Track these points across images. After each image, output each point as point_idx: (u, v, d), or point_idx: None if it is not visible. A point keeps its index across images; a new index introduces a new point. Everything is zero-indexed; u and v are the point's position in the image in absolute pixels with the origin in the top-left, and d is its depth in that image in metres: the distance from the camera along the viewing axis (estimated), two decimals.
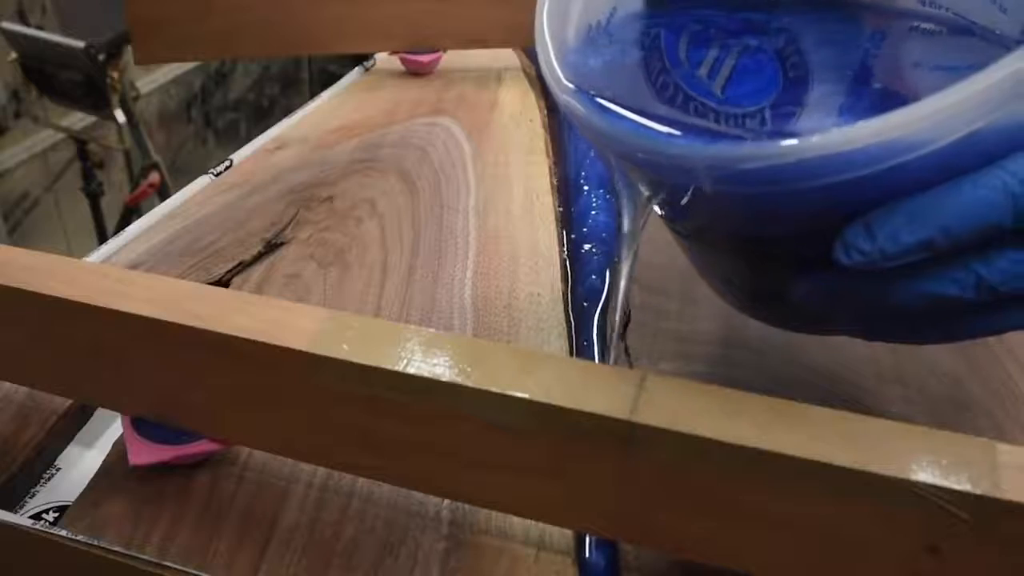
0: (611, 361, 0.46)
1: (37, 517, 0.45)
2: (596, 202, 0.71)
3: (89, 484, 0.47)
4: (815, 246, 0.36)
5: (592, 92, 0.39)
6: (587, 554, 0.43)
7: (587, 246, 0.66)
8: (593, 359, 0.55)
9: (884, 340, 0.43)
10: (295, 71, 3.53)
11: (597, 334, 0.56)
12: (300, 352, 0.38)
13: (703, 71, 0.43)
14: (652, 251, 0.64)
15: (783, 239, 0.40)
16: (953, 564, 0.33)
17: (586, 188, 0.73)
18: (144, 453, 0.45)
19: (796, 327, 0.47)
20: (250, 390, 0.41)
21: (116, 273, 0.44)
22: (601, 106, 0.38)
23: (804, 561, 0.36)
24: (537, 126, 0.84)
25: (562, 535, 0.43)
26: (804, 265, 0.39)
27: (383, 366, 0.37)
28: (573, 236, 0.67)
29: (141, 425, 0.46)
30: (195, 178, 0.75)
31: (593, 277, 0.62)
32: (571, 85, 0.38)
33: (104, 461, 0.48)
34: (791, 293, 0.40)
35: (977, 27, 0.43)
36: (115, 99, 2.03)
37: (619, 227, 0.44)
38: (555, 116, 0.86)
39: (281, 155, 0.79)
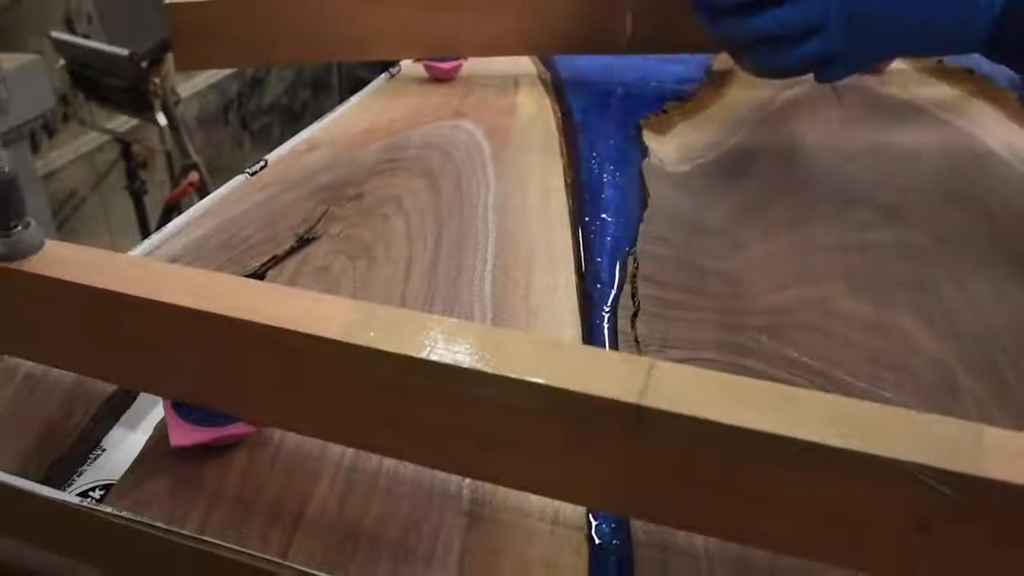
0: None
1: (84, 494, 0.45)
2: (607, 178, 0.75)
3: (133, 464, 0.47)
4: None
5: None
6: (598, 529, 0.43)
7: (603, 216, 0.69)
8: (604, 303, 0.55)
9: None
10: (326, 77, 3.53)
11: (609, 319, 0.57)
12: (331, 340, 0.38)
13: None
14: (661, 246, 0.64)
15: None
16: (943, 539, 0.33)
17: (596, 166, 0.76)
18: (184, 435, 0.45)
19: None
20: (283, 376, 0.42)
21: (158, 267, 0.44)
22: None
23: (804, 536, 0.36)
24: (552, 129, 0.84)
25: (575, 511, 0.43)
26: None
27: (408, 353, 0.37)
28: (587, 218, 0.67)
29: (181, 408, 0.46)
30: (232, 177, 0.75)
31: (608, 239, 0.66)
32: None
33: (147, 442, 0.48)
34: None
35: None
36: (157, 103, 2.04)
37: None
38: (568, 119, 0.86)
39: (312, 156, 0.80)
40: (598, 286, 0.61)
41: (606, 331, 0.56)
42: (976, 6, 0.63)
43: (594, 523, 0.43)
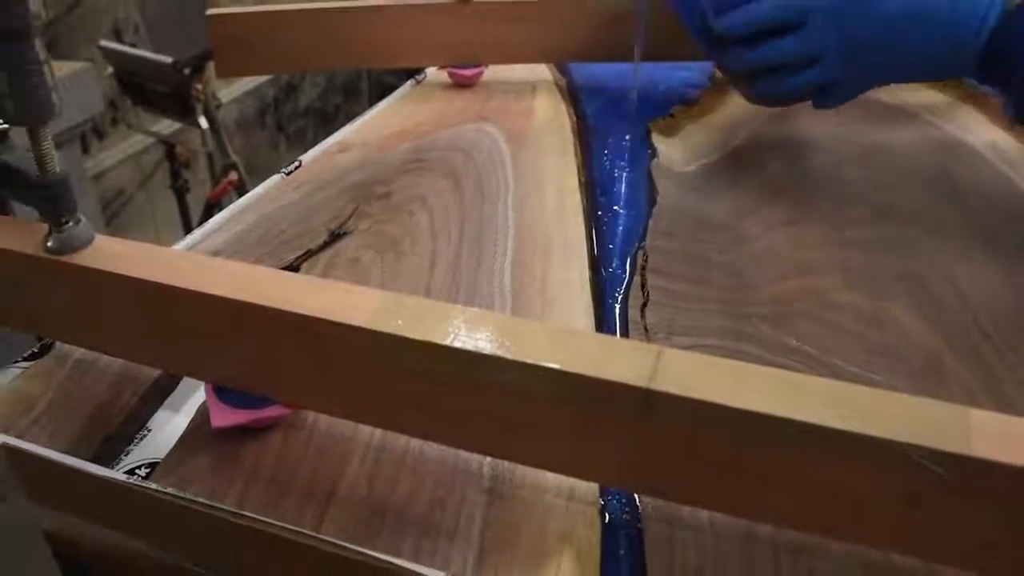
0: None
1: (131, 472, 0.45)
2: (618, 177, 0.75)
3: (176, 443, 0.47)
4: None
5: None
6: (610, 504, 0.43)
7: (615, 208, 0.70)
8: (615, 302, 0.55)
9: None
10: (356, 82, 3.53)
11: (620, 310, 0.56)
12: (360, 328, 0.38)
13: None
14: (669, 241, 0.64)
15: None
16: (933, 514, 0.33)
17: (609, 166, 0.76)
18: (224, 417, 0.46)
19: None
20: (316, 362, 0.42)
21: (200, 259, 0.45)
22: None
23: (805, 512, 0.36)
24: (567, 131, 0.84)
25: (589, 488, 0.43)
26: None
27: (433, 341, 0.37)
28: (600, 210, 0.67)
29: (222, 392, 0.46)
30: (269, 177, 0.76)
31: (620, 228, 0.66)
32: None
33: (189, 424, 0.48)
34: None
35: None
36: (199, 108, 2.04)
37: None
38: (583, 122, 0.86)
39: (344, 156, 0.80)
40: (610, 270, 0.61)
41: (617, 319, 0.56)
42: (964, 39, 0.63)
43: (602, 501, 0.43)
